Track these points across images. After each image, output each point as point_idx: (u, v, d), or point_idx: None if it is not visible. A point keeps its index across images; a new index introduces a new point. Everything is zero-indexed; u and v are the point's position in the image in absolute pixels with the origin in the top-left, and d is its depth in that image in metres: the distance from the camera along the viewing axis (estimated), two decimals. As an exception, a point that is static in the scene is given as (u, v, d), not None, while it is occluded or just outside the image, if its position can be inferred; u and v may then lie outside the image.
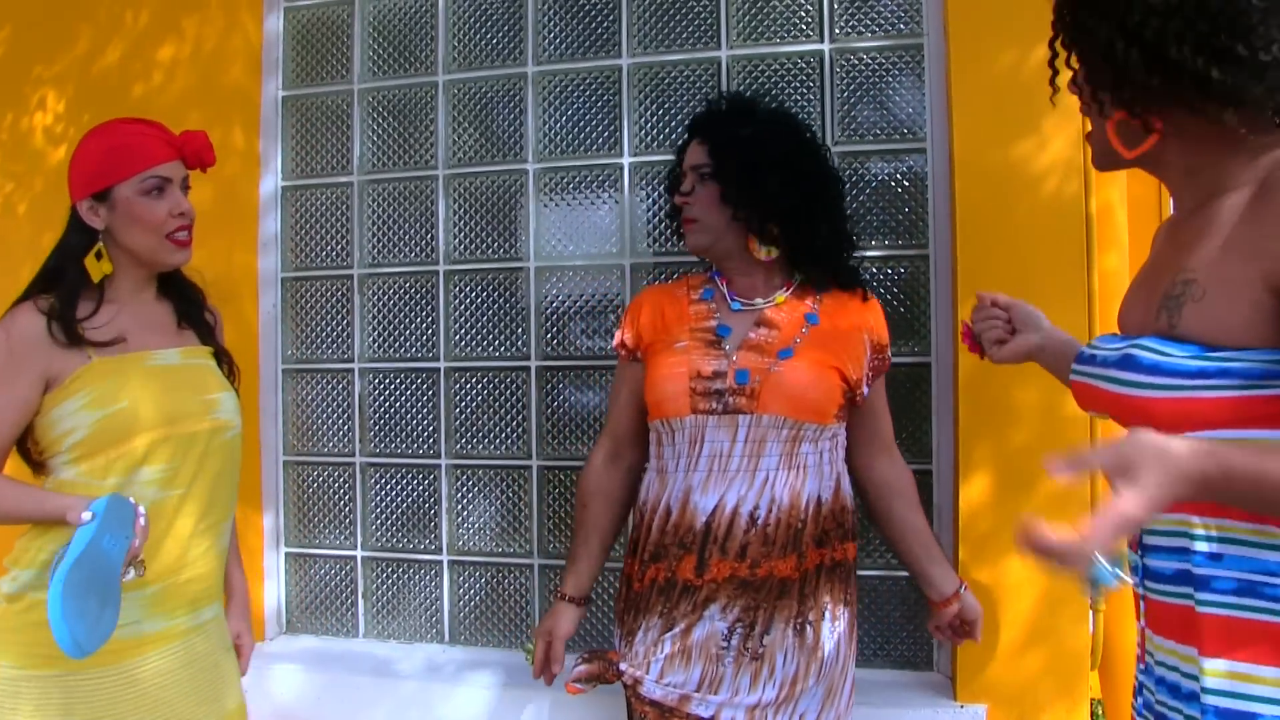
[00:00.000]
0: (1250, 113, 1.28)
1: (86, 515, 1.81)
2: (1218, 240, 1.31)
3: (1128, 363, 1.33)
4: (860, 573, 2.92)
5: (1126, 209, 2.81)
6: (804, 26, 3.03)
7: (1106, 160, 1.50)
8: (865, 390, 2.23)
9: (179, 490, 2.04)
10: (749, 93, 2.81)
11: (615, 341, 2.36)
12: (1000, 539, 2.70)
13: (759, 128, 2.23)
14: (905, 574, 2.90)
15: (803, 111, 3.01)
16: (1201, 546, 1.31)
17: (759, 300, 2.25)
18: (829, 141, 2.97)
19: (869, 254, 2.95)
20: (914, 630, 2.95)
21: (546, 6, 3.24)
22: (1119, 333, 1.53)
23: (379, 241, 3.36)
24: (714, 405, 2.12)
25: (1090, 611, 2.72)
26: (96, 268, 2.04)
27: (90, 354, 1.99)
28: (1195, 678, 1.31)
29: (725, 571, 2.08)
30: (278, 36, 3.44)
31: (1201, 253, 1.33)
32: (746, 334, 2.19)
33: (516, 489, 3.22)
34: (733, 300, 2.26)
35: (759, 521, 2.08)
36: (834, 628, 2.15)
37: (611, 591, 2.96)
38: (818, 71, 3.01)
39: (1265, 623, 1.26)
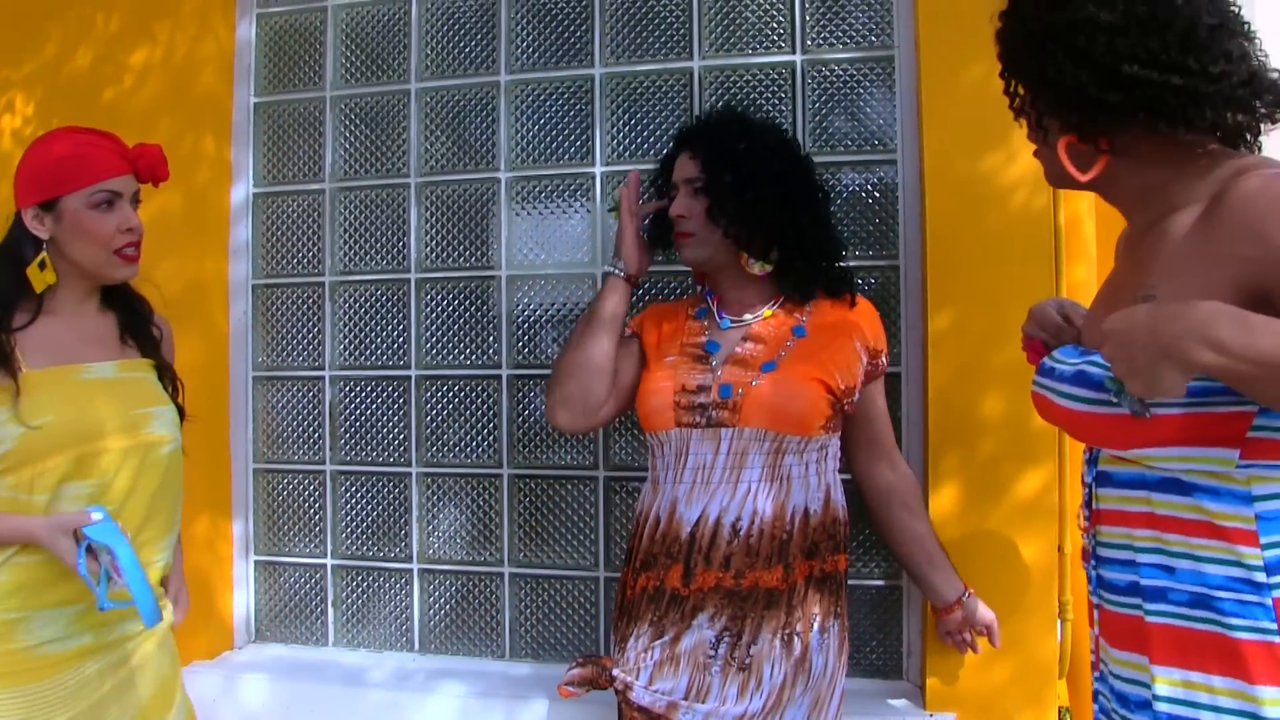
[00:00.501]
0: (1202, 128, 1.32)
1: (96, 515, 1.85)
2: (1174, 257, 1.35)
3: (1081, 379, 1.36)
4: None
5: (1095, 221, 2.83)
6: (776, 38, 3.04)
7: (1059, 180, 1.53)
8: (855, 397, 2.26)
9: (109, 507, 1.98)
10: (738, 106, 2.85)
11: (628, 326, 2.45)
12: (969, 548, 2.71)
13: (752, 142, 2.28)
14: (875, 583, 2.92)
15: (776, 122, 3.02)
16: (1146, 559, 1.35)
17: (748, 316, 2.30)
18: (801, 152, 2.98)
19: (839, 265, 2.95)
20: (884, 639, 2.95)
21: (520, 15, 3.24)
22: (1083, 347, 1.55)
23: (350, 249, 3.35)
24: (697, 419, 2.16)
25: (1059, 621, 2.74)
26: (39, 278, 2.01)
27: (20, 366, 1.94)
28: (1146, 686, 1.35)
29: (711, 581, 2.11)
30: (250, 43, 3.42)
31: (1159, 269, 1.36)
32: (733, 349, 2.24)
33: (487, 497, 3.21)
34: (722, 318, 2.31)
35: (741, 532, 2.11)
36: (823, 640, 2.18)
37: (611, 599, 2.98)
38: (789, 82, 3.02)
39: (1215, 634, 1.29)
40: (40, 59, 3.43)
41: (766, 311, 2.31)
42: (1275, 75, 1.36)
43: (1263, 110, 1.36)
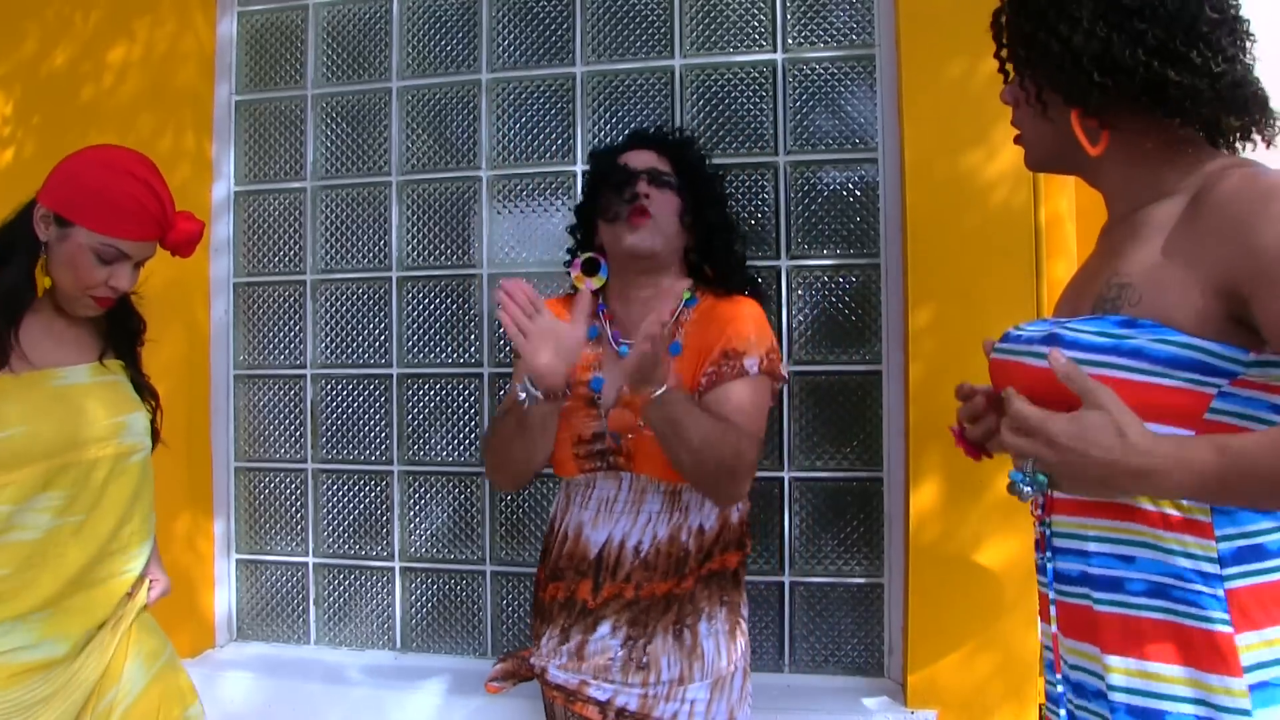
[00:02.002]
0: (1196, 123, 1.34)
1: None
2: (1152, 247, 1.35)
3: (1052, 340, 1.36)
4: (810, 580, 2.96)
5: (1075, 219, 2.85)
6: (757, 36, 3.05)
7: (1046, 161, 1.57)
8: (697, 394, 2.12)
9: (76, 517, 1.96)
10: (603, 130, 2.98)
11: None
12: (950, 545, 2.72)
13: (698, 150, 2.34)
14: (856, 580, 2.94)
15: (755, 120, 3.03)
16: (1098, 549, 1.36)
17: None
18: (781, 150, 3.01)
19: (821, 262, 2.97)
20: (865, 637, 2.96)
21: (501, 14, 3.24)
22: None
23: (332, 247, 3.34)
24: (597, 464, 2.20)
25: (1040, 617, 2.75)
26: (40, 280, 1.97)
27: (4, 363, 1.90)
28: (1100, 676, 1.35)
29: (614, 592, 2.19)
30: (231, 40, 3.42)
31: (1136, 258, 1.37)
32: (621, 389, 2.13)
33: (469, 496, 3.21)
34: (619, 343, 2.24)
35: (642, 554, 2.17)
36: (711, 627, 2.22)
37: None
38: (770, 81, 3.03)
39: (1171, 623, 1.30)
40: (18, 57, 3.42)
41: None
42: (1262, 86, 1.38)
43: (1256, 115, 1.38)
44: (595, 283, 2.24)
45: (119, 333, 2.14)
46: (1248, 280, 1.22)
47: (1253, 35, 1.39)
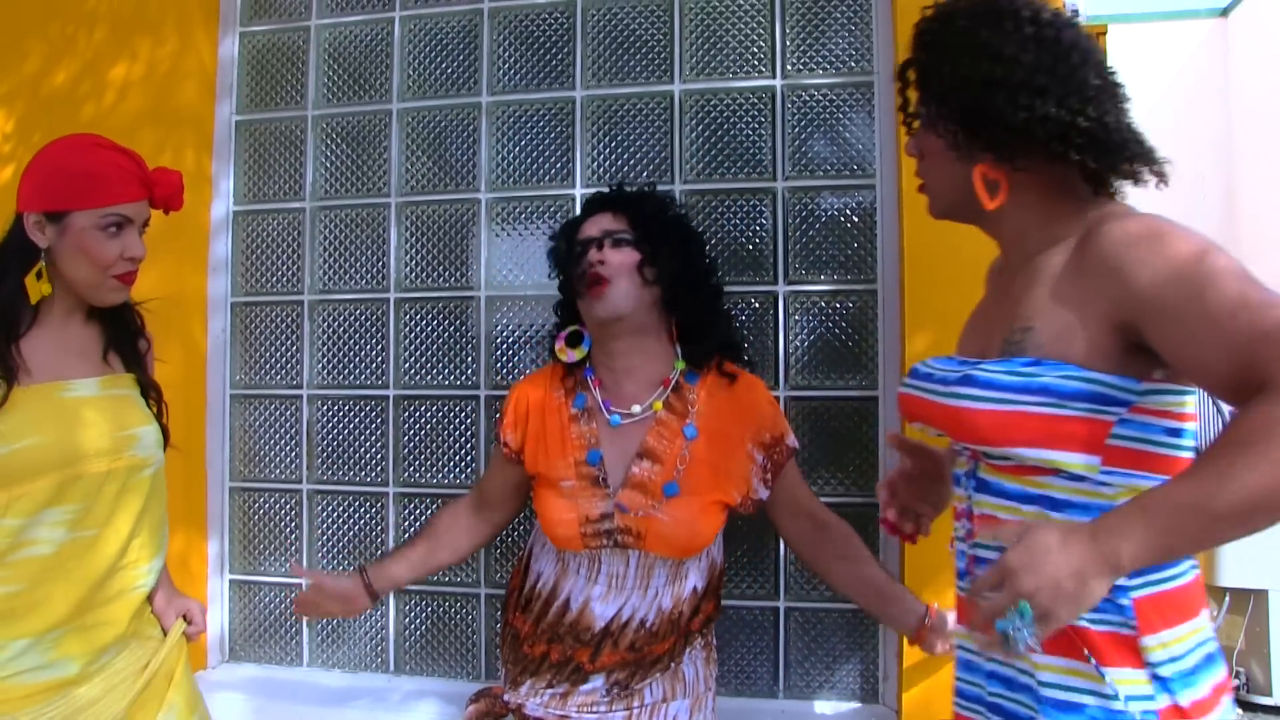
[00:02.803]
0: (1095, 167, 1.50)
1: None
2: (1049, 292, 1.52)
3: (967, 380, 1.53)
4: (805, 605, 2.95)
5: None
6: (756, 62, 3.07)
7: (950, 210, 1.72)
8: (762, 494, 2.31)
9: (90, 531, 1.94)
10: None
11: (500, 437, 2.41)
12: (946, 572, 2.71)
13: (674, 210, 2.38)
14: (850, 606, 2.93)
15: (754, 146, 3.05)
16: None
17: (636, 408, 2.27)
18: (780, 176, 3.01)
19: (818, 288, 2.98)
20: (859, 662, 2.96)
21: (502, 37, 3.25)
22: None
23: (330, 268, 3.35)
24: (605, 541, 2.23)
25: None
26: (35, 288, 1.93)
27: (2, 384, 1.88)
28: (1029, 673, 1.52)
29: (615, 659, 2.25)
30: (232, 60, 3.43)
31: (1036, 303, 1.53)
32: (630, 469, 2.23)
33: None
34: (610, 413, 2.28)
35: (648, 625, 2.25)
36: (690, 656, 2.34)
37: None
38: (769, 107, 3.05)
39: (1086, 630, 1.46)
40: (20, 75, 3.42)
41: (656, 404, 2.27)
42: (1152, 145, 1.54)
43: (1141, 169, 1.53)
44: (576, 354, 2.32)
45: (119, 334, 2.11)
46: (1137, 317, 1.39)
47: (1129, 99, 1.56)
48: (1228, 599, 5.25)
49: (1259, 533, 1.24)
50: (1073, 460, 1.44)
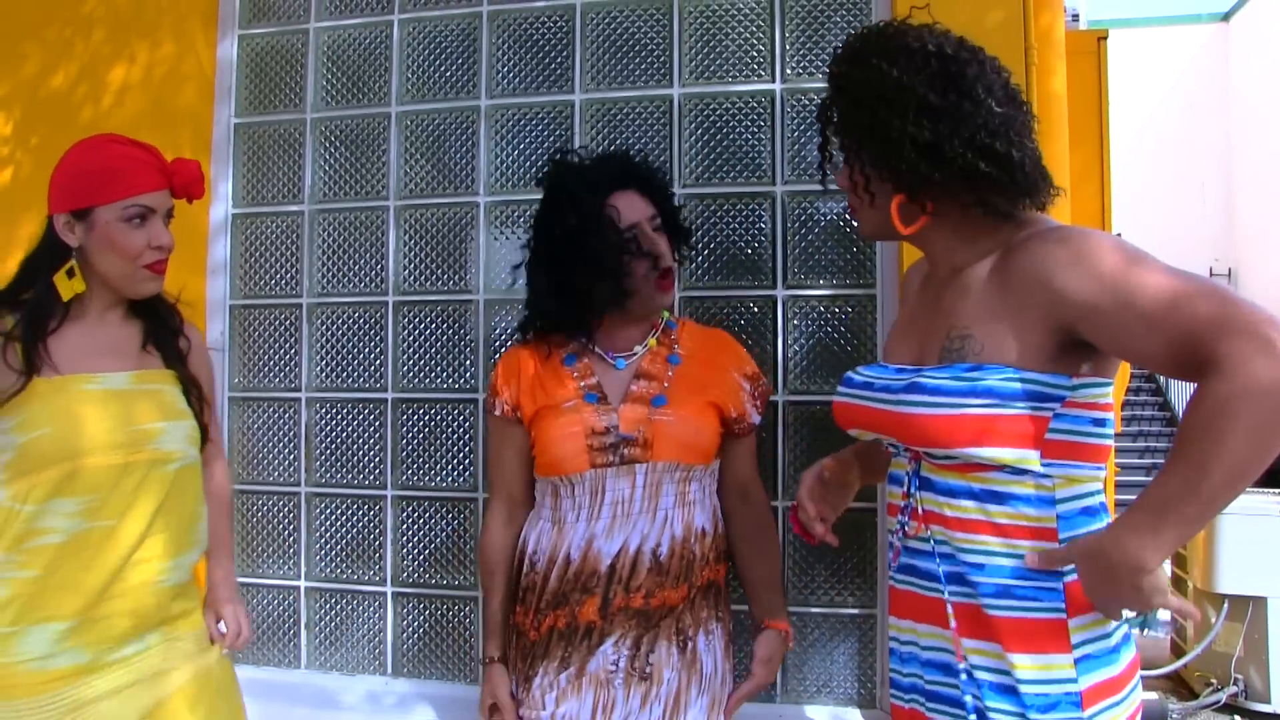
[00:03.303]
0: (1005, 200, 1.63)
1: None
2: (982, 301, 1.64)
3: (915, 388, 1.64)
4: (802, 610, 2.95)
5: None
6: (756, 66, 3.07)
7: (876, 234, 1.90)
8: (756, 419, 2.40)
9: (107, 521, 1.97)
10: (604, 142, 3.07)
11: (494, 406, 2.40)
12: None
13: (660, 173, 2.48)
14: (849, 611, 2.93)
15: (753, 150, 3.05)
16: (966, 557, 1.64)
17: (637, 349, 2.37)
18: (779, 180, 3.02)
19: (817, 292, 2.98)
20: (856, 667, 2.96)
21: (501, 41, 3.25)
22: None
23: (328, 271, 3.35)
24: (611, 458, 2.23)
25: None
26: (68, 286, 2.00)
27: (32, 374, 1.94)
28: (962, 658, 1.64)
29: (624, 604, 2.21)
30: (231, 63, 3.43)
31: (970, 312, 1.65)
32: (629, 387, 2.31)
33: (462, 521, 3.20)
34: (614, 358, 2.36)
35: (660, 557, 2.21)
36: (709, 642, 2.30)
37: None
38: (769, 111, 3.05)
39: (1016, 619, 1.59)
40: (18, 78, 3.43)
41: (652, 342, 2.39)
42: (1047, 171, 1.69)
43: (1045, 192, 1.68)
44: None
45: (158, 330, 2.17)
46: (1074, 322, 1.52)
47: (1035, 118, 1.73)
48: (1226, 606, 5.25)
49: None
50: (1016, 455, 1.57)
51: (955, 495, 1.65)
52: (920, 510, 1.72)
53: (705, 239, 3.03)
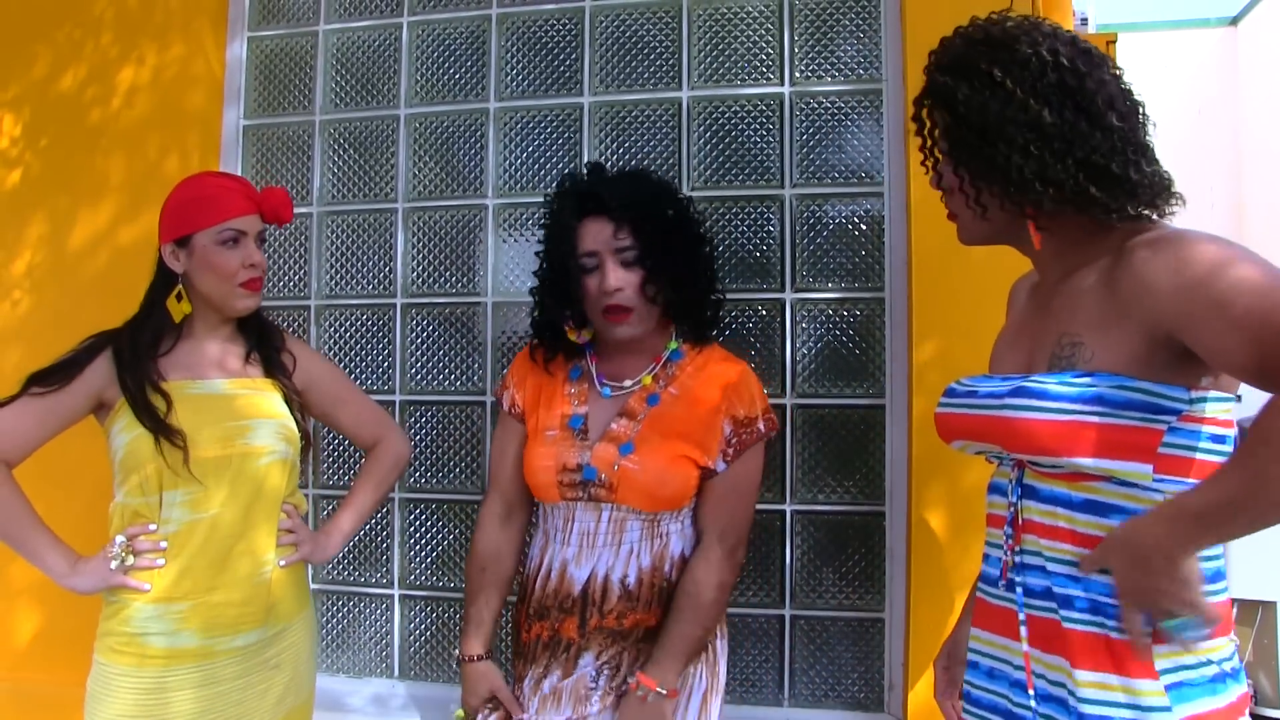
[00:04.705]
0: (1119, 214, 1.56)
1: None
2: (1092, 308, 1.58)
3: (1021, 392, 1.57)
4: (811, 613, 2.94)
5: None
6: (764, 69, 3.06)
7: (983, 242, 1.78)
8: (720, 466, 2.24)
9: (209, 513, 2.14)
10: (609, 160, 3.01)
11: (503, 400, 2.43)
12: (951, 580, 2.71)
13: (674, 206, 2.31)
14: (857, 614, 2.93)
15: (762, 153, 3.04)
16: (1059, 569, 1.57)
17: (628, 382, 2.31)
18: (788, 183, 3.01)
19: (825, 296, 2.97)
20: (865, 672, 2.95)
21: (509, 43, 3.25)
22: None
23: (337, 273, 3.35)
24: (579, 494, 2.24)
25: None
26: (177, 308, 2.21)
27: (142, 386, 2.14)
28: (1063, 684, 1.55)
29: (598, 625, 2.22)
30: (240, 65, 3.43)
31: (1080, 319, 1.59)
32: (609, 424, 2.26)
33: (469, 523, 3.19)
34: (602, 385, 2.32)
35: (628, 586, 2.22)
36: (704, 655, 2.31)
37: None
38: (777, 114, 3.04)
39: (1103, 636, 1.53)
40: (28, 80, 3.44)
41: (646, 379, 2.30)
42: (1169, 176, 1.60)
43: (1160, 203, 1.59)
44: (586, 334, 2.34)
45: (260, 346, 2.35)
46: (1171, 328, 1.45)
47: (1151, 120, 1.62)
48: (1235, 610, 5.22)
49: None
50: (1127, 469, 1.49)
51: (1059, 504, 1.58)
52: (1021, 520, 1.65)
53: (714, 242, 3.02)
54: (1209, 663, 1.50)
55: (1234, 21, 20.75)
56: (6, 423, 2.11)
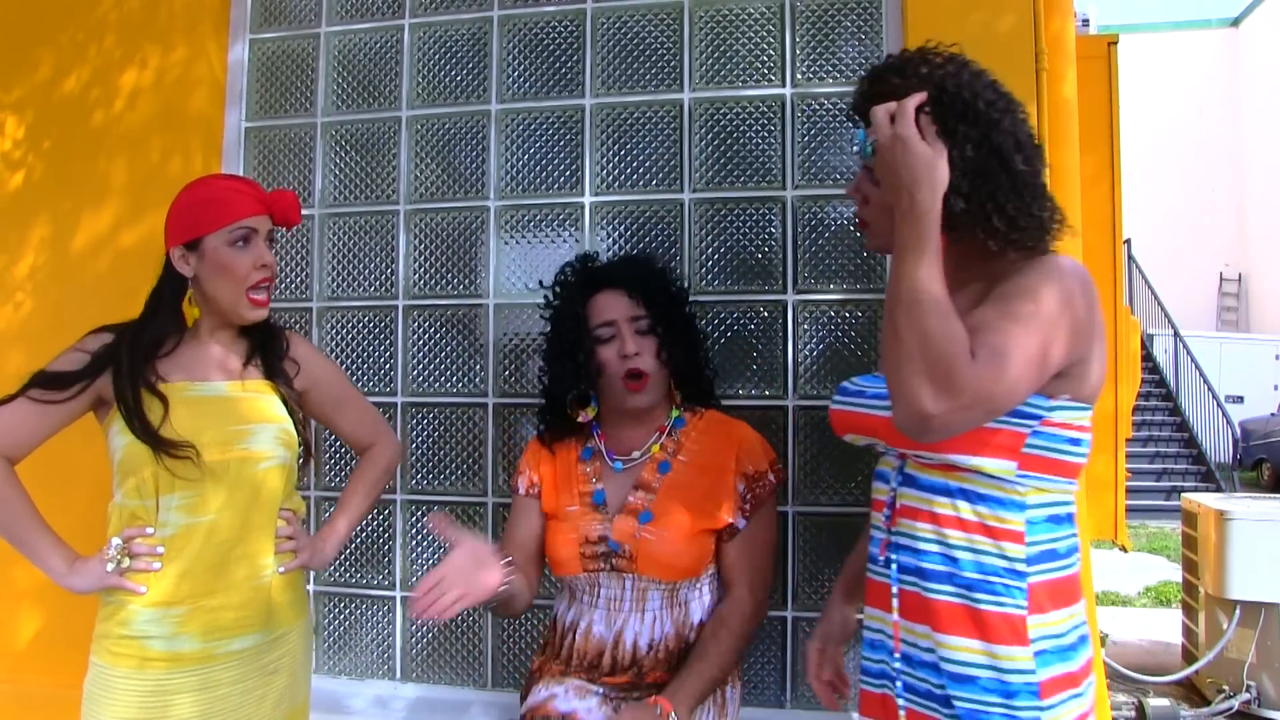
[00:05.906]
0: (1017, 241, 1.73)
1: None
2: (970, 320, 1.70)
3: None
4: (813, 615, 2.94)
5: (1081, 256, 2.85)
6: (766, 71, 3.06)
7: (885, 249, 1.84)
8: (740, 523, 2.38)
9: (207, 517, 2.12)
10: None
11: (518, 486, 2.55)
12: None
13: (668, 279, 2.54)
14: (859, 617, 2.91)
15: (764, 154, 3.04)
16: (929, 549, 1.73)
17: (636, 453, 2.44)
18: (789, 185, 3.02)
19: (827, 297, 2.98)
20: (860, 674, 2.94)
21: (511, 45, 3.25)
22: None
23: (339, 275, 3.35)
24: (602, 565, 2.35)
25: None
26: (188, 312, 2.21)
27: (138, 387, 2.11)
28: (932, 650, 1.72)
29: (622, 679, 2.34)
30: (242, 67, 3.44)
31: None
32: (626, 498, 2.40)
33: (471, 525, 3.20)
34: (613, 460, 2.45)
35: (654, 649, 2.33)
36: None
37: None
38: (779, 115, 3.04)
39: (978, 610, 1.68)
40: (31, 82, 3.44)
41: (654, 448, 2.44)
42: (1058, 215, 1.78)
43: (1051, 237, 1.77)
44: (590, 413, 2.48)
45: (262, 350, 2.31)
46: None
47: (1045, 162, 1.81)
48: (1238, 612, 5.22)
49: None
50: (994, 465, 1.67)
51: (935, 492, 1.74)
52: (898, 505, 1.81)
53: (715, 244, 3.03)
54: (1069, 630, 1.71)
55: (1235, 23, 20.74)
56: (9, 420, 2.10)
